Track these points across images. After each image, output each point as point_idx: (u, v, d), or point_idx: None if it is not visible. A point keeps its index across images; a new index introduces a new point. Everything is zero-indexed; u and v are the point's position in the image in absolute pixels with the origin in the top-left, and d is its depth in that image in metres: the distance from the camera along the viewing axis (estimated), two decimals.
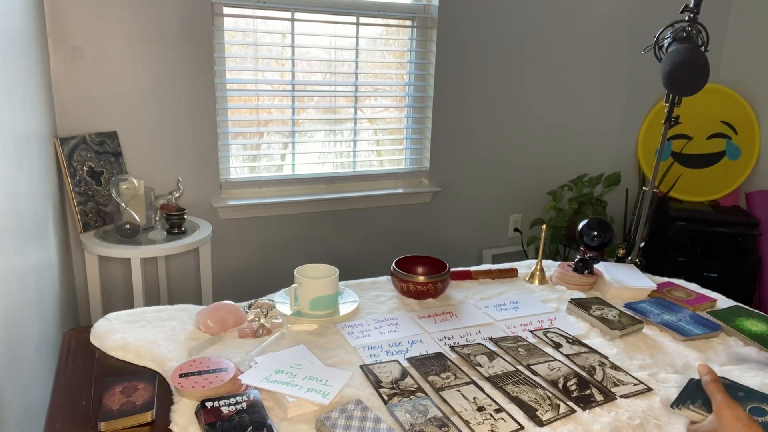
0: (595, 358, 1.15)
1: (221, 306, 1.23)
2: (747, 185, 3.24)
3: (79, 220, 2.07)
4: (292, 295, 1.28)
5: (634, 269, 1.58)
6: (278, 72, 2.52)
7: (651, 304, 1.41)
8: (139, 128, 2.25)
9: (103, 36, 2.11)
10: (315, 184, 2.67)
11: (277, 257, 2.63)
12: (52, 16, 2.03)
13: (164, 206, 2.14)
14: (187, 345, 1.14)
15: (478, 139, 2.91)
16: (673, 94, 1.52)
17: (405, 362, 1.12)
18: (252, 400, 0.94)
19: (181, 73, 2.26)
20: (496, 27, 2.78)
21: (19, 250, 1.40)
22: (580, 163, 3.21)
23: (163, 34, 2.20)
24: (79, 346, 1.15)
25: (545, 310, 1.38)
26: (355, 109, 2.67)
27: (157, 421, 0.93)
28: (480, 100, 2.86)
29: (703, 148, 3.22)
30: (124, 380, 1.00)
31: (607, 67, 3.10)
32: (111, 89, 2.17)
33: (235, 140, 2.49)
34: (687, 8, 1.50)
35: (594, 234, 1.60)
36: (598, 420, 0.96)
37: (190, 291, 2.48)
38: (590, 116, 3.15)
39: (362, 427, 0.89)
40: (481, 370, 1.09)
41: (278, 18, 2.42)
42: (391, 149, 2.85)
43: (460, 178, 2.93)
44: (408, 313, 1.33)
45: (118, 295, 2.36)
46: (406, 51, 2.75)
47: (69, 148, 2.04)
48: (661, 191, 3.20)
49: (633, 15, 3.06)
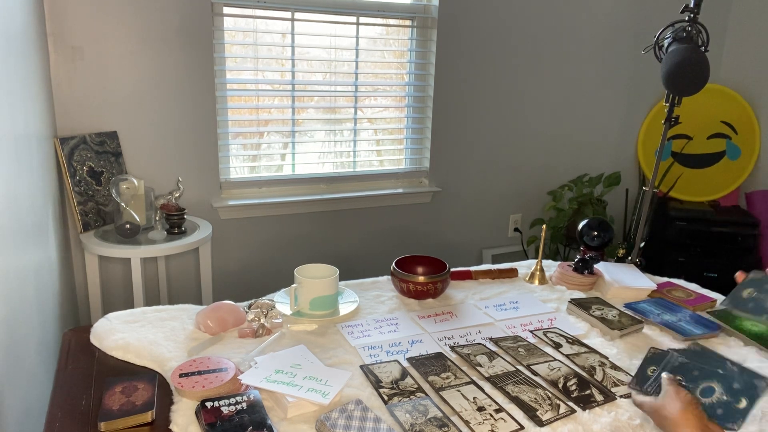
0: (595, 358, 1.15)
1: (221, 306, 1.23)
2: (747, 185, 3.23)
3: (79, 220, 2.07)
4: (292, 295, 1.28)
5: (634, 269, 1.58)
6: (278, 72, 2.52)
7: (651, 304, 1.41)
8: (139, 128, 2.25)
9: (103, 36, 2.11)
10: (315, 184, 2.67)
11: (277, 257, 2.63)
12: (52, 16, 2.03)
13: (164, 206, 2.14)
14: (187, 345, 1.14)
15: (478, 139, 2.91)
16: (673, 94, 1.52)
17: (405, 362, 1.12)
18: (252, 400, 0.94)
19: (181, 73, 2.26)
20: (496, 27, 2.78)
21: (19, 250, 1.40)
22: (580, 163, 3.21)
23: (163, 34, 2.20)
24: (79, 346, 1.15)
25: (545, 310, 1.38)
26: (355, 109, 2.67)
27: (157, 421, 0.93)
28: (480, 100, 2.86)
29: (703, 148, 3.22)
30: (124, 380, 1.00)
31: (607, 67, 3.10)
32: (111, 89, 2.17)
33: (235, 140, 2.49)
34: (687, 8, 1.50)
35: (594, 234, 1.60)
36: (598, 420, 0.96)
37: (190, 291, 2.48)
38: (590, 116, 3.15)
39: (362, 427, 0.89)
40: (481, 370, 1.09)
41: (278, 18, 2.42)
42: (391, 149, 2.85)
43: (460, 178, 2.93)
44: (408, 313, 1.33)
45: (118, 295, 2.36)
46: (406, 51, 2.75)
47: (69, 148, 2.04)
48: (661, 191, 3.20)
49: (633, 15, 3.06)
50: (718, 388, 0.90)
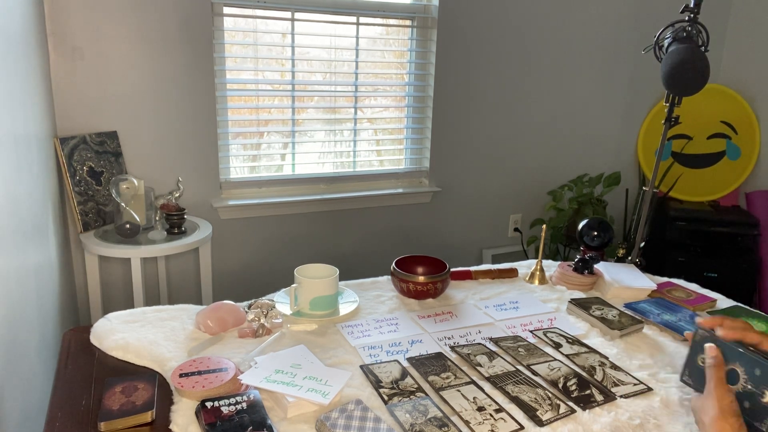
0: (595, 358, 1.15)
1: (221, 306, 1.23)
2: (747, 185, 3.23)
3: (79, 220, 2.07)
4: (292, 295, 1.28)
5: (634, 269, 1.58)
6: (278, 72, 2.52)
7: (651, 304, 1.41)
8: (139, 128, 2.25)
9: (103, 36, 2.11)
10: (315, 184, 2.67)
11: (277, 257, 2.63)
12: (52, 16, 2.03)
13: (164, 206, 2.14)
14: (187, 345, 1.14)
15: (478, 139, 2.91)
16: (673, 94, 1.52)
17: (405, 362, 1.12)
18: (252, 400, 0.94)
19: (181, 73, 2.26)
20: (496, 27, 2.78)
21: (19, 250, 1.40)
22: (580, 163, 3.21)
23: (163, 34, 2.20)
24: (79, 346, 1.15)
25: (545, 310, 1.38)
26: (355, 109, 2.67)
27: (157, 421, 0.92)
28: (480, 99, 2.86)
29: (703, 148, 3.22)
30: (124, 380, 1.00)
31: (607, 67, 3.10)
32: (111, 89, 2.17)
33: (235, 140, 2.49)
34: (687, 8, 1.50)
35: (594, 234, 1.60)
36: (598, 420, 0.95)
37: (190, 291, 2.48)
38: (590, 116, 3.15)
39: (362, 427, 0.89)
40: (481, 370, 1.09)
41: (278, 18, 2.42)
42: (391, 149, 2.85)
43: (460, 178, 2.93)
44: (408, 313, 1.33)
45: (118, 295, 2.36)
46: (406, 51, 2.75)
47: (69, 148, 2.04)
48: (661, 191, 3.20)
49: (633, 15, 3.06)
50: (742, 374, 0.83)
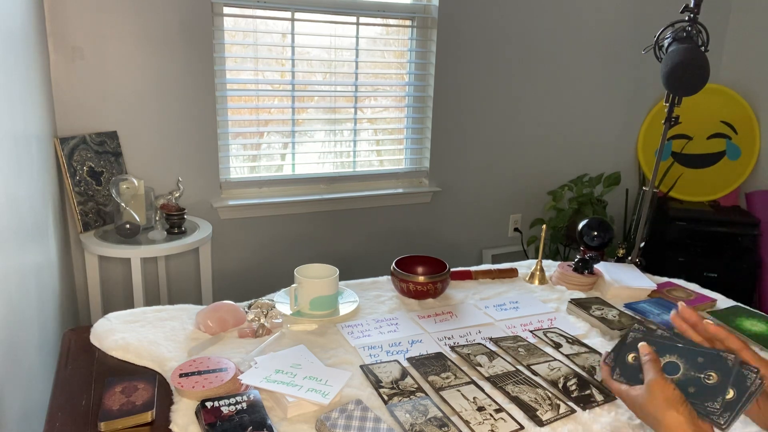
0: (595, 358, 1.15)
1: (221, 306, 1.23)
2: (747, 185, 3.23)
3: (79, 220, 2.06)
4: (292, 295, 1.28)
5: (634, 269, 1.58)
6: (278, 72, 2.51)
7: (651, 304, 1.41)
8: (139, 128, 2.25)
9: (103, 36, 2.11)
10: (315, 184, 2.67)
11: (277, 257, 2.63)
12: (52, 16, 2.03)
13: (164, 206, 2.14)
14: (187, 345, 1.14)
15: (479, 139, 2.91)
16: (673, 94, 1.52)
17: (405, 362, 1.12)
18: (252, 400, 0.94)
19: (181, 72, 2.26)
20: (496, 27, 2.78)
21: (19, 250, 1.40)
22: (580, 163, 3.21)
23: (163, 33, 2.19)
24: (79, 346, 1.15)
25: (545, 310, 1.38)
26: (355, 109, 2.67)
27: (157, 421, 0.92)
28: (480, 100, 2.85)
29: (703, 148, 3.22)
30: (124, 380, 1.00)
31: (607, 67, 3.10)
32: (111, 89, 2.17)
33: (235, 140, 2.49)
34: (687, 8, 1.50)
35: (594, 234, 1.60)
36: (598, 420, 0.96)
37: (190, 291, 2.48)
38: (590, 116, 3.15)
39: (362, 427, 0.89)
40: (481, 370, 1.09)
41: (278, 18, 2.42)
42: (391, 149, 2.85)
43: (460, 178, 2.93)
44: (408, 313, 1.33)
45: (118, 295, 2.35)
46: (406, 51, 2.75)
47: (69, 148, 2.04)
48: (661, 191, 3.20)
49: (633, 15, 3.06)
50: (682, 364, 0.82)
